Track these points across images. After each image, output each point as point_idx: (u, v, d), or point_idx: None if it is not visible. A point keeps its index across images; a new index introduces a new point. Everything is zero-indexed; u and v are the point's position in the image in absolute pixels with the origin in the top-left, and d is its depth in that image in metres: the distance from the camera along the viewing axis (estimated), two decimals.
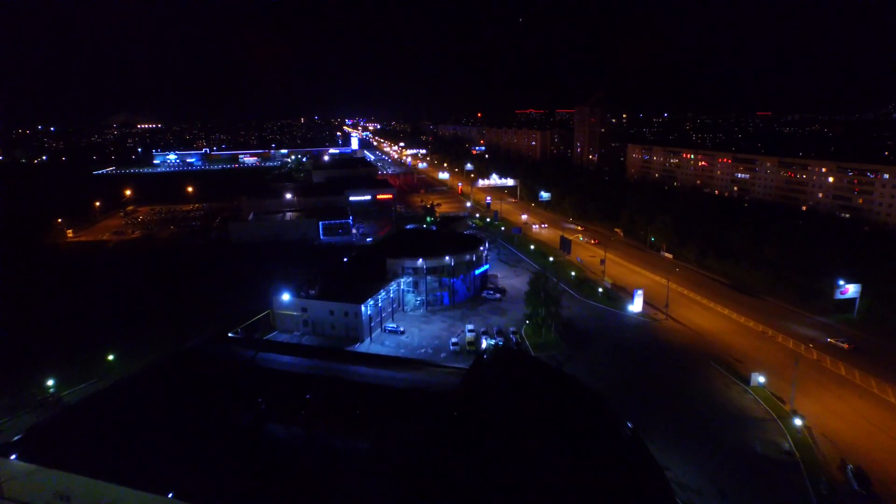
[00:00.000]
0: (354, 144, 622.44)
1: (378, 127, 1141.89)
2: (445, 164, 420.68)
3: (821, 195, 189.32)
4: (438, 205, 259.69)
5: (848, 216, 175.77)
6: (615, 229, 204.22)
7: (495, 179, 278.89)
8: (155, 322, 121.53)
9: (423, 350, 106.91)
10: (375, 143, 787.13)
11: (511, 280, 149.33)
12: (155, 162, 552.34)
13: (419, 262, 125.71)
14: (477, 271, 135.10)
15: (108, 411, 74.51)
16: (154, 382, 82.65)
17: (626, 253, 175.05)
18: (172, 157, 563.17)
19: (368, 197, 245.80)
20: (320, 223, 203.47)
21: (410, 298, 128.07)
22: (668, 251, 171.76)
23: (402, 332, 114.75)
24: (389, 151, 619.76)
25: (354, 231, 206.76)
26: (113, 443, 64.96)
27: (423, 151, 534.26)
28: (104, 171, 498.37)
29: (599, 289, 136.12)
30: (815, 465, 68.69)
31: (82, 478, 58.47)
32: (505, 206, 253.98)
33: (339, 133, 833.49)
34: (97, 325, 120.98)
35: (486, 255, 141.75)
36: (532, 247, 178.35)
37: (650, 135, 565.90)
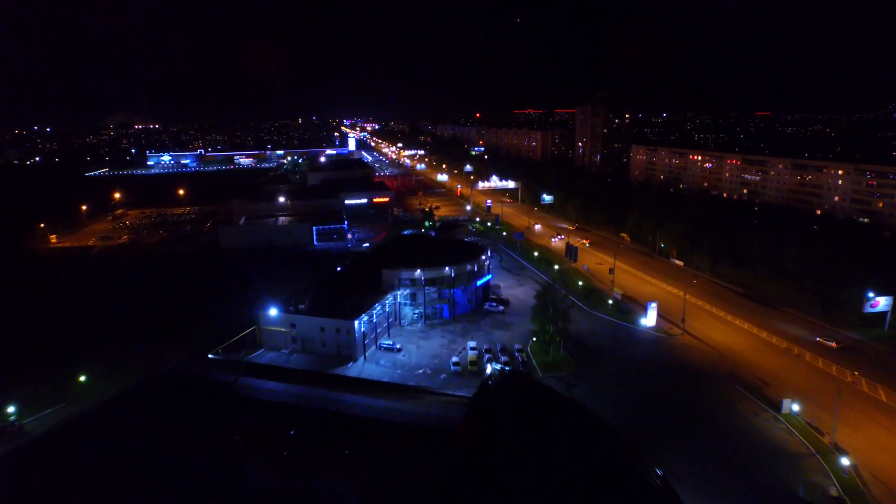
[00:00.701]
0: (352, 145, 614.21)
1: (376, 127, 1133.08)
2: (444, 166, 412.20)
3: (837, 199, 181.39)
4: (437, 208, 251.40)
5: (867, 221, 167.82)
6: (621, 234, 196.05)
7: (495, 182, 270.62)
8: (133, 337, 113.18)
9: (422, 371, 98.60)
10: (373, 144, 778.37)
11: (514, 290, 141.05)
12: (149, 163, 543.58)
13: (417, 273, 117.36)
14: (479, 282, 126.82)
15: (65, 448, 66.70)
16: (121, 414, 74.48)
17: (634, 260, 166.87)
18: (167, 158, 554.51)
19: (365, 200, 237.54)
20: (314, 228, 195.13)
21: (408, 312, 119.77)
22: (679, 258, 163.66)
23: (399, 350, 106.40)
24: (387, 152, 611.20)
25: (350, 236, 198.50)
26: (68, 485, 57.16)
27: (422, 152, 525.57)
28: (96, 172, 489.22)
29: (609, 301, 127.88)
30: None
31: None
32: (506, 210, 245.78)
33: (336, 134, 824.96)
34: (70, 340, 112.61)
35: (489, 264, 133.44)
36: (536, 253, 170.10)
37: (651, 135, 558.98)
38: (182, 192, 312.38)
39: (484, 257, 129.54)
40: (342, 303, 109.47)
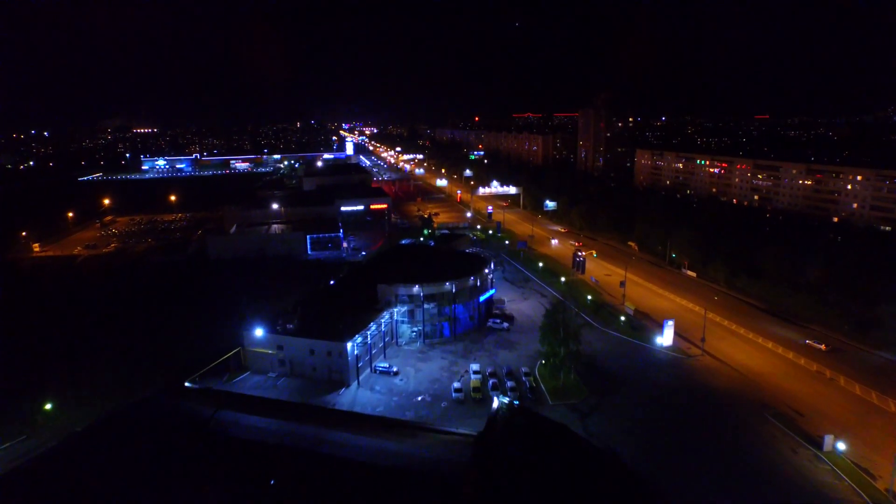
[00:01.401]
0: (349, 149, 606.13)
1: (375, 131, 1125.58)
2: (443, 170, 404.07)
3: (856, 206, 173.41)
4: (436, 214, 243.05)
5: (889, 229, 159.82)
6: (629, 243, 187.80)
7: (496, 187, 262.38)
8: (108, 359, 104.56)
9: (421, 398, 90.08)
10: (371, 148, 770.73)
11: (519, 304, 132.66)
12: (143, 168, 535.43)
13: (415, 289, 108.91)
14: (482, 297, 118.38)
15: (18, 495, 58.85)
16: (83, 453, 66.72)
17: (644, 270, 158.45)
18: (161, 162, 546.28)
19: (361, 207, 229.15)
20: (308, 237, 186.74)
21: (405, 330, 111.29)
22: (691, 269, 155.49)
23: (396, 373, 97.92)
24: (385, 156, 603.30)
25: (345, 245, 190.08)
26: None
27: (420, 156, 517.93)
28: (90, 177, 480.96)
29: (622, 317, 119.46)
30: None
31: None
32: (508, 216, 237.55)
33: (334, 137, 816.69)
34: (40, 362, 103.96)
35: (492, 278, 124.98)
36: (541, 264, 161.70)
37: (653, 139, 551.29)
38: (174, 197, 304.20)
39: (487, 270, 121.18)
40: (334, 322, 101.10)
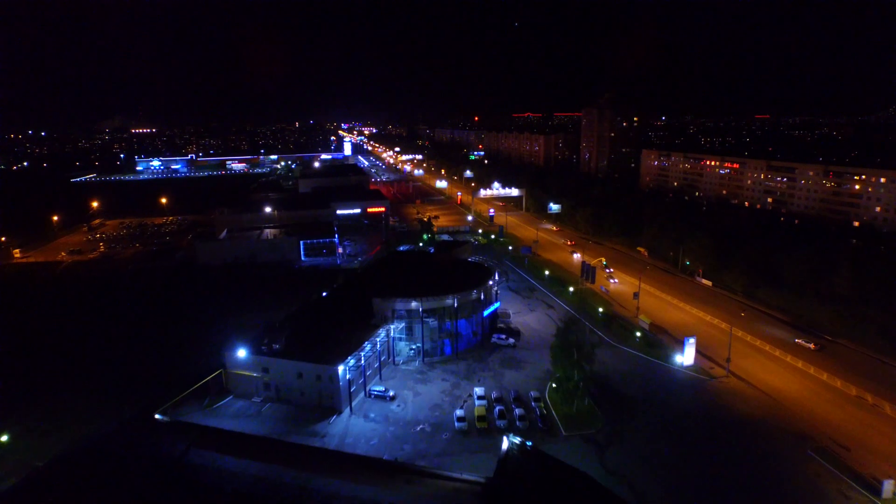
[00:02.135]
0: (347, 150, 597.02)
1: (374, 131, 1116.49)
2: (443, 171, 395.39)
3: (878, 209, 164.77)
4: (436, 217, 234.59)
5: None
6: (638, 248, 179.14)
7: (498, 189, 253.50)
8: (79, 381, 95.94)
9: (420, 427, 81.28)
10: (370, 148, 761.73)
11: (525, 317, 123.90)
12: (138, 169, 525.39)
13: (414, 303, 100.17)
14: (486, 311, 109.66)
15: None
16: (36, 499, 58.08)
17: (656, 279, 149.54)
18: (156, 163, 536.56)
19: (358, 210, 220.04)
20: (301, 242, 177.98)
21: (403, 348, 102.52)
22: (706, 277, 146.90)
23: (393, 398, 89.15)
24: (384, 157, 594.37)
25: (340, 251, 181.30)
26: None
27: (420, 157, 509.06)
28: (83, 178, 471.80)
29: (637, 332, 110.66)
30: None
31: None
32: (510, 220, 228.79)
33: (333, 138, 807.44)
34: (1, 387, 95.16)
35: (497, 290, 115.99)
36: (547, 272, 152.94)
37: (655, 139, 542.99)
38: (165, 200, 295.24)
39: (491, 282, 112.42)
40: (325, 341, 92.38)
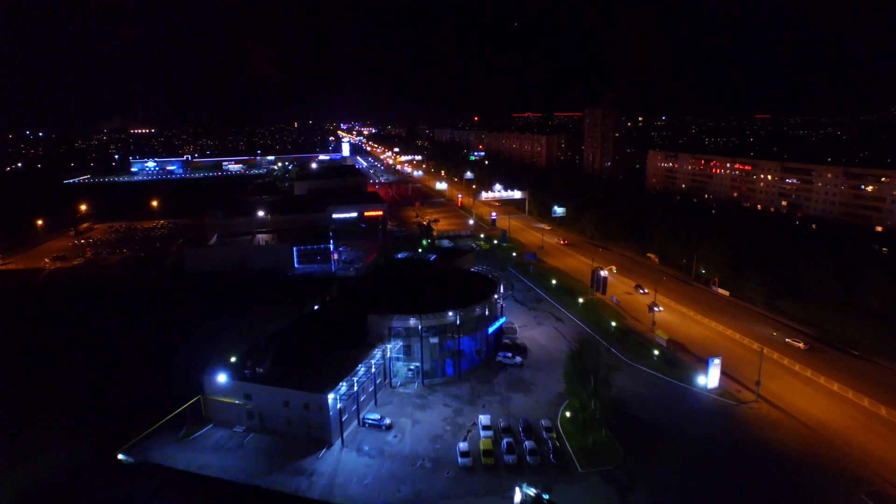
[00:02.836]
0: (345, 151, 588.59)
1: (373, 131, 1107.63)
2: (443, 173, 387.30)
3: None
4: (436, 221, 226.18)
5: None
6: (648, 255, 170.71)
7: (500, 192, 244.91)
8: (44, 407, 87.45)
9: (420, 463, 72.78)
10: (369, 149, 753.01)
11: (532, 331, 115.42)
12: (132, 170, 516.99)
13: (412, 320, 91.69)
14: (491, 328, 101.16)
15: None
16: None
17: (670, 288, 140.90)
18: (151, 164, 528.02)
19: (355, 214, 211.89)
20: (294, 248, 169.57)
21: (401, 368, 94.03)
22: (722, 286, 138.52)
23: (389, 427, 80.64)
24: (383, 157, 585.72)
25: (335, 257, 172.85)
26: None
27: (419, 158, 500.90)
28: (76, 180, 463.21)
29: (655, 351, 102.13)
30: None
31: None
32: (513, 223, 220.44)
33: (331, 138, 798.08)
34: None
35: (503, 304, 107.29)
36: (554, 281, 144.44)
37: (658, 139, 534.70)
38: (160, 202, 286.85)
39: (497, 296, 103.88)
40: (315, 363, 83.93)
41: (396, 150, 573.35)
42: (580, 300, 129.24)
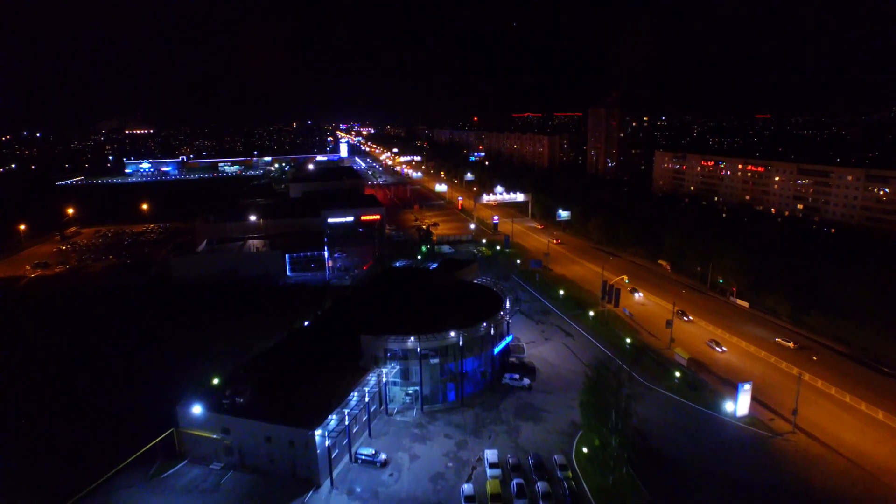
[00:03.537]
0: (343, 151, 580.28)
1: (372, 131, 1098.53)
2: (442, 174, 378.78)
3: None
4: (435, 225, 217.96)
5: None
6: (659, 262, 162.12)
7: (501, 194, 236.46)
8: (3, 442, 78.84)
9: None
10: (367, 149, 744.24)
11: (540, 348, 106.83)
12: (127, 171, 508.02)
13: (410, 341, 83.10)
14: (497, 348, 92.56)
15: None
16: None
17: (684, 298, 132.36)
18: (146, 165, 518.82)
19: (351, 218, 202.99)
20: (287, 256, 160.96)
21: (398, 393, 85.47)
22: (741, 297, 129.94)
23: (385, 464, 71.99)
24: (382, 158, 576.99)
25: (330, 264, 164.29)
26: None
27: (418, 158, 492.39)
28: (68, 181, 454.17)
29: (676, 372, 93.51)
30: None
31: None
32: (516, 227, 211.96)
33: (330, 138, 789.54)
34: None
35: (509, 320, 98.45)
36: (562, 291, 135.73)
37: (661, 139, 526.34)
38: (153, 204, 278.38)
39: (504, 313, 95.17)
40: (302, 391, 75.31)
41: (395, 150, 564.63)
42: (591, 313, 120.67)
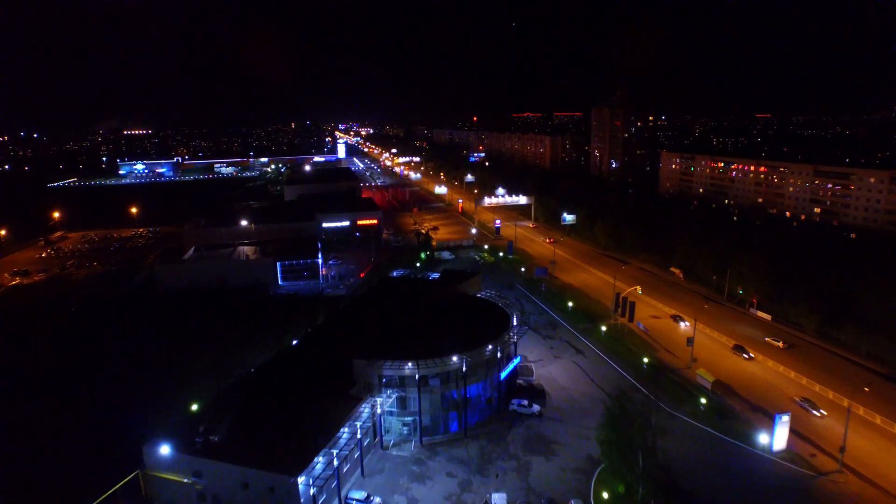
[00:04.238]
0: (341, 152, 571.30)
1: (371, 132, 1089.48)
2: (442, 175, 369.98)
3: None
4: (435, 229, 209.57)
5: None
6: (672, 269, 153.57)
7: (503, 197, 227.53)
8: None
9: None
10: (366, 150, 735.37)
11: (549, 367, 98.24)
12: (121, 172, 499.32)
13: (408, 367, 74.44)
14: (504, 372, 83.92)
15: None
16: None
17: (701, 311, 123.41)
18: (140, 166, 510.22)
19: (347, 223, 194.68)
20: (278, 264, 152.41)
21: (395, 424, 76.85)
22: (761, 308, 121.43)
23: None
24: (380, 159, 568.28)
25: (324, 272, 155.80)
26: None
27: (417, 159, 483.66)
28: (60, 183, 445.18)
29: (702, 399, 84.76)
30: None
31: None
32: (519, 232, 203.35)
33: (328, 139, 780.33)
34: None
35: (516, 340, 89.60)
36: (570, 303, 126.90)
37: (664, 140, 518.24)
38: (141, 208, 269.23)
39: (511, 333, 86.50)
40: (285, 425, 66.59)
41: (394, 151, 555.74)
42: (602, 328, 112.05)
